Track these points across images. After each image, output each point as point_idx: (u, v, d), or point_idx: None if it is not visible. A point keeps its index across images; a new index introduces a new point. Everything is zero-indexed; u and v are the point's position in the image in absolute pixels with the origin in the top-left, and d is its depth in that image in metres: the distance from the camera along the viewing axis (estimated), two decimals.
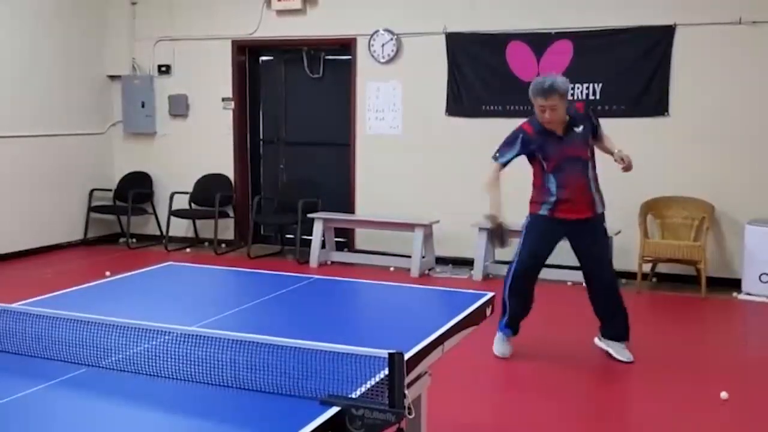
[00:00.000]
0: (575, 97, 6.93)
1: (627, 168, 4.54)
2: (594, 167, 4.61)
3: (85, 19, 8.29)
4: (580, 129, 4.49)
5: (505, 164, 4.58)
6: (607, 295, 4.61)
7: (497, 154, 4.60)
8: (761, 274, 6.22)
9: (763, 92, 6.41)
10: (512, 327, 4.75)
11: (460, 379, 4.38)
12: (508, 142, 4.58)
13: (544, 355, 4.83)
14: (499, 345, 4.77)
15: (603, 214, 4.63)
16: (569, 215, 4.48)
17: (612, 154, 4.63)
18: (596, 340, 4.82)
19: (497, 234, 4.49)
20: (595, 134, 4.64)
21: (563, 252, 6.86)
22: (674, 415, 3.88)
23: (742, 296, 6.30)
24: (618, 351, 4.67)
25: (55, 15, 7.95)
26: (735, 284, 6.44)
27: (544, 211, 4.54)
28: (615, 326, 4.68)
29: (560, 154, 4.44)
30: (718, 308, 6.05)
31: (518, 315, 4.73)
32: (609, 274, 4.62)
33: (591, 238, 4.56)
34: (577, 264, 6.41)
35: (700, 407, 4.02)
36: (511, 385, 4.50)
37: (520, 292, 4.66)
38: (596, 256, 4.58)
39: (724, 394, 4.01)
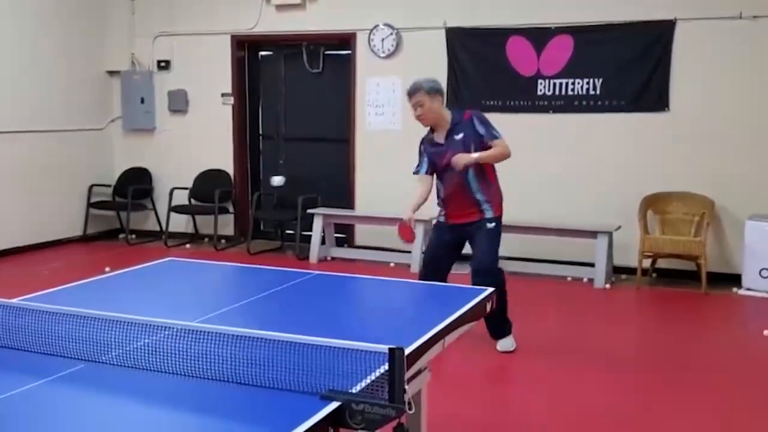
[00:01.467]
0: (575, 93, 6.92)
1: (456, 166, 4.45)
2: (483, 173, 4.55)
3: (85, 14, 8.27)
4: (459, 136, 4.52)
5: (427, 172, 4.62)
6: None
7: (416, 167, 4.72)
8: (761, 270, 6.21)
9: (764, 87, 6.40)
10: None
11: (460, 374, 4.38)
12: (419, 154, 4.72)
13: (544, 350, 4.83)
14: (503, 342, 4.81)
15: (490, 218, 4.58)
16: (456, 220, 4.63)
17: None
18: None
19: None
20: (481, 143, 4.50)
21: (562, 247, 6.90)
22: (674, 410, 3.88)
23: (742, 291, 6.30)
24: (499, 344, 4.73)
25: (54, 11, 7.94)
26: (735, 280, 6.43)
27: (441, 217, 4.73)
28: (490, 324, 4.69)
29: (441, 161, 4.55)
30: (718, 304, 6.04)
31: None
32: (480, 266, 4.54)
33: (476, 238, 4.59)
34: (576, 260, 6.45)
35: (700, 402, 4.02)
36: (511, 381, 4.50)
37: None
38: (475, 252, 4.60)
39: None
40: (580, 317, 5.69)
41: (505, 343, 4.74)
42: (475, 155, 4.42)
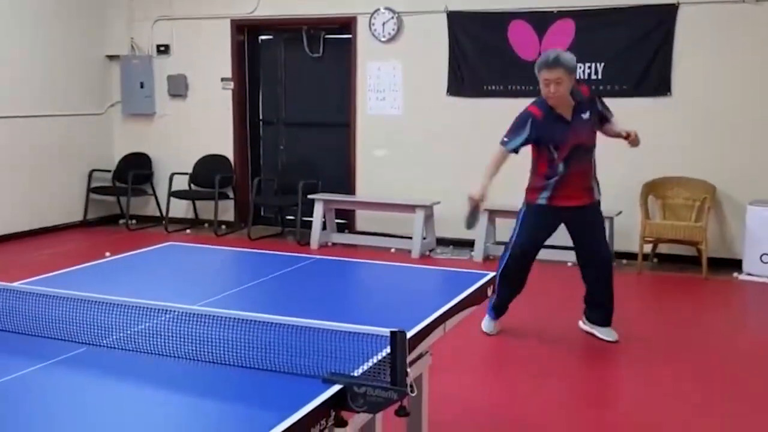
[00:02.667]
0: (578, 77, 6.89)
1: (633, 143, 4.43)
2: (594, 153, 4.56)
3: None
4: (587, 115, 4.39)
5: (514, 150, 4.41)
6: (605, 277, 4.59)
7: (505, 139, 4.41)
8: (762, 255, 6.21)
9: (766, 72, 6.37)
10: (498, 310, 4.76)
11: (461, 358, 4.39)
12: (517, 127, 4.39)
13: (546, 335, 4.84)
14: (487, 324, 4.80)
15: (599, 201, 4.59)
16: (568, 203, 4.44)
17: (620, 135, 4.51)
18: (581, 324, 4.82)
19: (471, 216, 4.37)
20: (602, 120, 4.52)
21: (562, 232, 6.88)
22: (673, 395, 3.89)
23: (743, 277, 6.30)
24: (603, 332, 4.68)
25: None
26: (736, 265, 6.43)
27: (542, 200, 4.47)
28: (602, 312, 4.68)
29: (568, 141, 4.34)
30: (719, 289, 6.05)
31: (506, 300, 4.73)
32: (608, 255, 4.61)
33: (589, 224, 4.53)
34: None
35: (700, 387, 4.02)
36: (512, 365, 4.50)
37: (512, 279, 4.63)
38: (596, 239, 4.54)
39: None
40: (581, 302, 5.68)
41: (491, 325, 4.77)
42: (632, 131, 4.37)
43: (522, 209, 4.63)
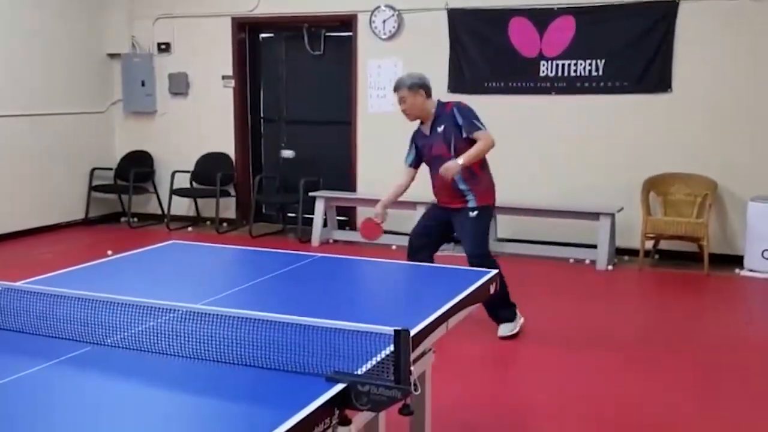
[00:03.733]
0: (577, 74, 6.89)
1: (445, 177, 4.50)
2: (467, 168, 4.51)
3: None
4: (441, 128, 4.62)
5: (412, 165, 4.84)
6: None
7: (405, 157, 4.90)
8: (764, 251, 6.21)
9: (766, 68, 6.36)
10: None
11: (465, 355, 4.39)
12: (408, 145, 4.88)
13: (547, 332, 4.84)
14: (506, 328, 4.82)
15: (472, 207, 4.62)
16: (444, 204, 4.76)
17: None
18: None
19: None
20: (461, 134, 4.55)
21: (564, 229, 6.90)
22: (674, 391, 3.89)
23: (744, 273, 6.31)
24: (499, 330, 4.74)
25: None
26: (737, 261, 6.44)
27: (435, 198, 4.87)
28: (487, 310, 4.71)
29: (427, 152, 4.69)
30: (720, 285, 6.05)
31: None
32: (470, 255, 4.62)
33: (458, 225, 4.72)
34: (579, 242, 6.45)
35: (701, 384, 4.03)
36: (515, 362, 4.51)
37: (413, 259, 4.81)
38: (464, 239, 4.71)
39: None
40: (583, 299, 5.70)
41: (505, 328, 4.75)
42: (460, 161, 4.44)
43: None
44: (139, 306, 2.17)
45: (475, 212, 4.63)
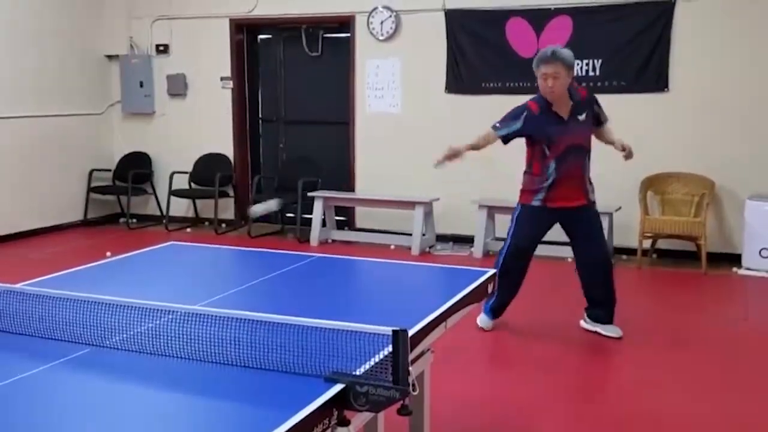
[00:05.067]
0: (576, 74, 6.89)
1: (628, 156, 4.46)
2: (590, 156, 4.56)
3: None
4: (583, 117, 4.42)
5: (503, 138, 4.47)
6: (601, 277, 4.58)
7: (497, 125, 4.50)
8: (761, 249, 6.23)
9: (764, 67, 6.38)
10: (496, 312, 4.78)
11: (463, 355, 4.40)
12: (511, 117, 4.46)
13: (547, 331, 4.85)
14: (484, 321, 4.81)
15: (594, 202, 4.60)
16: (562, 203, 4.46)
17: (613, 144, 4.55)
18: (582, 323, 4.81)
19: (441, 161, 4.57)
20: (597, 122, 4.54)
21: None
22: (673, 390, 3.90)
23: (742, 271, 6.32)
24: (606, 329, 4.67)
25: None
26: (735, 259, 6.45)
27: (536, 201, 4.50)
28: (604, 310, 4.67)
29: (564, 141, 4.36)
30: (718, 283, 6.06)
31: (505, 301, 4.73)
32: (604, 256, 4.57)
33: (583, 225, 4.53)
34: None
35: (700, 382, 4.04)
36: (514, 361, 4.52)
37: (509, 278, 4.62)
38: (590, 240, 4.53)
39: None
40: (581, 298, 5.70)
41: (487, 321, 4.78)
42: (627, 145, 4.40)
43: (517, 209, 4.64)
44: (137, 308, 2.18)
45: (596, 208, 4.54)
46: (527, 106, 4.44)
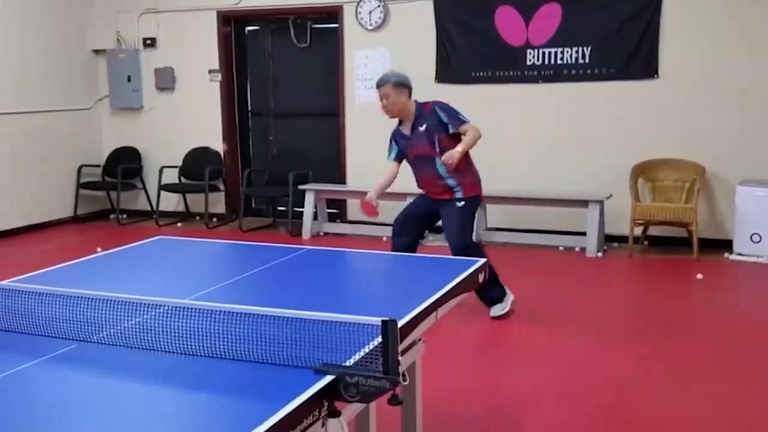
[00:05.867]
0: (564, 62, 6.89)
1: (449, 166, 4.55)
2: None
3: None
4: (423, 128, 4.68)
5: (395, 159, 4.86)
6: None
7: (387, 154, 4.93)
8: (752, 234, 6.24)
9: (753, 53, 6.38)
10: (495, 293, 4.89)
11: (455, 345, 4.40)
12: (389, 141, 4.93)
13: (538, 319, 4.85)
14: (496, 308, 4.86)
15: (459, 198, 4.68)
16: (431, 196, 4.81)
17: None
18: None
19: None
20: (447, 131, 4.63)
21: (553, 217, 6.91)
22: (667, 376, 3.91)
23: (733, 257, 6.33)
24: (492, 310, 4.84)
25: None
26: (726, 245, 6.47)
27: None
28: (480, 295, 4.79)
29: (410, 152, 4.75)
30: (710, 269, 6.07)
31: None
32: (453, 246, 4.66)
33: (444, 215, 4.77)
34: (568, 229, 6.51)
35: (693, 368, 4.05)
36: (506, 351, 4.52)
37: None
38: (448, 229, 4.74)
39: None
40: (573, 286, 5.71)
41: (497, 309, 4.84)
42: (459, 149, 4.52)
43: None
44: (125, 302, 2.16)
45: (462, 203, 4.70)
46: (393, 130, 4.89)
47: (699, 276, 5.69)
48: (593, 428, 3.39)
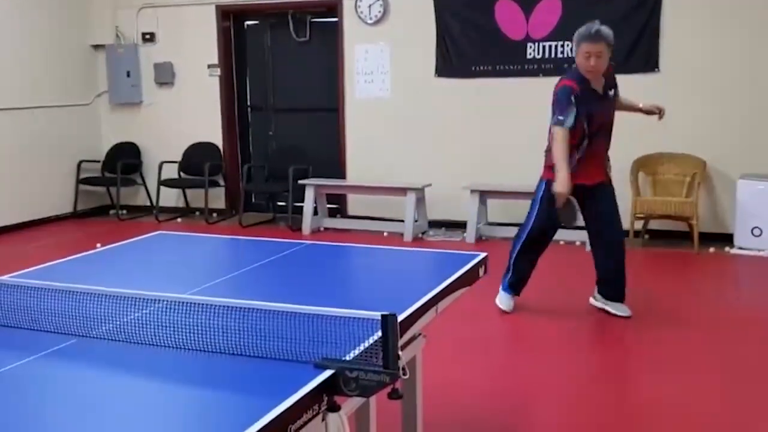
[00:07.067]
0: (564, 55, 6.87)
1: (662, 115, 4.61)
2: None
3: None
4: (612, 92, 4.47)
5: (573, 128, 4.31)
6: (616, 254, 4.60)
7: (560, 118, 4.28)
8: (753, 228, 6.24)
9: (754, 46, 6.36)
10: (516, 287, 4.81)
11: (456, 339, 4.40)
12: (565, 103, 4.29)
13: (539, 314, 4.84)
14: (504, 301, 4.84)
15: (611, 179, 4.62)
16: (584, 180, 4.39)
17: (640, 110, 4.63)
18: (591, 300, 4.84)
19: (567, 212, 4.30)
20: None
21: None
22: (668, 370, 3.91)
23: (734, 251, 6.33)
24: (616, 308, 4.71)
25: None
26: (727, 239, 6.46)
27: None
28: (615, 287, 4.70)
29: (596, 118, 4.33)
30: (711, 263, 6.07)
31: (524, 277, 4.78)
32: (618, 234, 4.59)
33: (602, 202, 4.51)
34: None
35: (694, 361, 4.04)
36: (507, 345, 4.52)
37: (531, 256, 4.70)
38: (607, 217, 4.53)
39: None
40: (573, 280, 5.71)
41: (505, 300, 4.81)
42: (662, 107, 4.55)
43: (541, 186, 4.61)
44: (125, 297, 2.15)
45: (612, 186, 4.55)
46: (569, 87, 4.32)
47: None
48: (593, 419, 3.38)
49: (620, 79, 6.64)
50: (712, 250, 6.34)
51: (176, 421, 1.63)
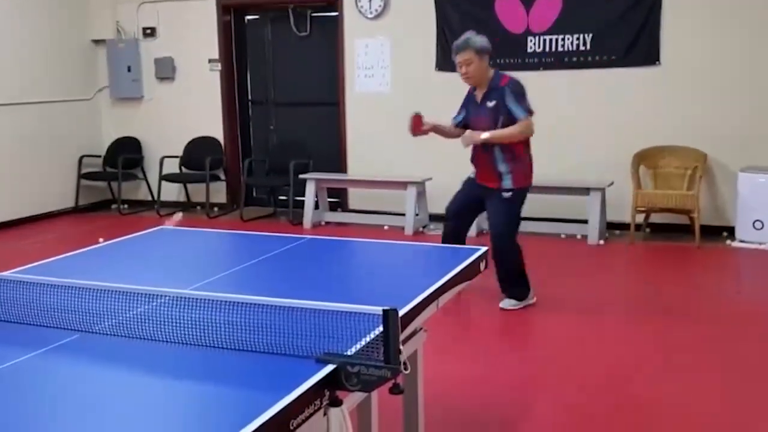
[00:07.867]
0: (565, 49, 6.86)
1: (465, 143, 4.60)
2: (508, 146, 4.51)
3: None
4: (492, 104, 4.50)
5: (460, 127, 4.74)
6: (494, 253, 4.60)
7: (453, 114, 4.81)
8: (755, 221, 6.23)
9: (755, 39, 6.35)
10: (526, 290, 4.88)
11: (457, 333, 4.41)
12: (462, 103, 4.77)
13: (540, 307, 4.85)
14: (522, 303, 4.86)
15: (505, 188, 4.58)
16: (481, 182, 4.66)
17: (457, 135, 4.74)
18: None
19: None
20: (509, 113, 4.49)
21: (555, 204, 6.90)
22: (668, 363, 3.91)
23: (735, 244, 6.33)
24: (502, 303, 4.79)
25: None
26: (729, 232, 6.46)
27: (472, 174, 4.77)
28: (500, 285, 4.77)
29: (473, 123, 4.59)
30: (712, 256, 6.07)
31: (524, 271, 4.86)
32: (494, 234, 4.65)
33: (489, 205, 4.67)
34: (569, 217, 6.45)
35: (695, 355, 4.05)
36: (508, 339, 4.53)
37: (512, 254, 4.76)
38: (491, 219, 4.71)
39: None
40: (575, 274, 5.71)
41: (508, 303, 4.80)
42: (484, 135, 4.43)
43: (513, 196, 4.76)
44: (126, 292, 2.16)
45: (509, 194, 4.58)
46: (468, 90, 4.71)
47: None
48: (594, 413, 3.39)
49: (621, 72, 6.73)
50: (713, 243, 6.35)
51: (178, 416, 1.64)
